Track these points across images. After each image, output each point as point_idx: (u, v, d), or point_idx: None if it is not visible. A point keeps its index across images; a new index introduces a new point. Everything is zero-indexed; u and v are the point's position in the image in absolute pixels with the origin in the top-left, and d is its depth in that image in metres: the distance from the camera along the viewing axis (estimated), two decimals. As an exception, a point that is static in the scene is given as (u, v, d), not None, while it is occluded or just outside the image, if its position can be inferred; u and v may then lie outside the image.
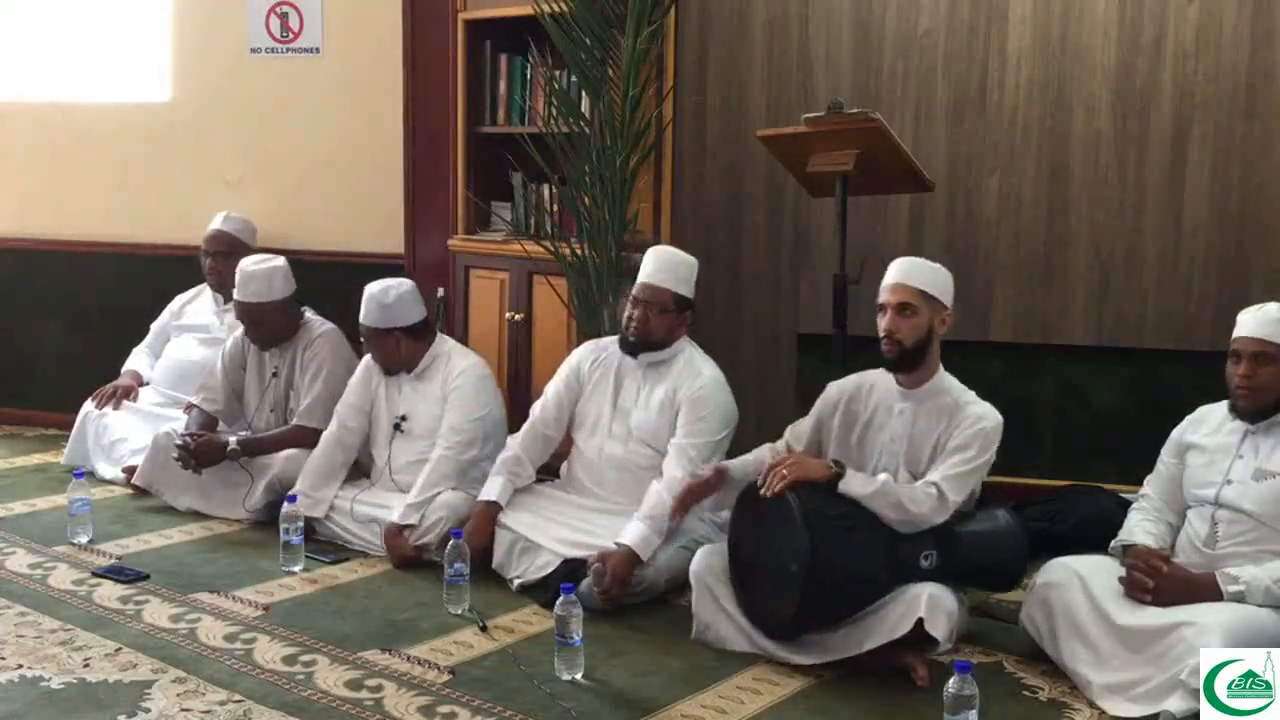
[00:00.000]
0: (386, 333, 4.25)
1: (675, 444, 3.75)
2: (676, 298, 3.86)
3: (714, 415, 3.78)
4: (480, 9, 4.88)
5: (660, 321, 3.84)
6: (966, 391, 3.35)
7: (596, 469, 3.93)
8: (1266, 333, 3.05)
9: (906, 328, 3.27)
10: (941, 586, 3.12)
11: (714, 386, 3.82)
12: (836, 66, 4.57)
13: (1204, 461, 3.16)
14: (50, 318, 5.75)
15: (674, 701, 2.98)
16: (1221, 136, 4.20)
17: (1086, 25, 4.30)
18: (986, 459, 3.23)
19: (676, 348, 3.89)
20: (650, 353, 3.86)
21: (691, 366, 3.86)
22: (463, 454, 4.10)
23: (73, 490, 4.16)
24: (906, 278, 3.33)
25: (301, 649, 3.26)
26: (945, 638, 3.05)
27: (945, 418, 3.29)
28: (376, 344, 4.28)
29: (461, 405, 4.17)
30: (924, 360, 3.32)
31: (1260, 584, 2.87)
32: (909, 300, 3.28)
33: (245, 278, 4.55)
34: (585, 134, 4.49)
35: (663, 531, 3.59)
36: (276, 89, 5.41)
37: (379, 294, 4.26)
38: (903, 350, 3.28)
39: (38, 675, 3.05)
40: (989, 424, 3.24)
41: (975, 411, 3.27)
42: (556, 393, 4.03)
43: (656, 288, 3.84)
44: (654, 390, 3.87)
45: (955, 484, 3.17)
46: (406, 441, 4.26)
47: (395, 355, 4.28)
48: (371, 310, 4.25)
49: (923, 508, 3.13)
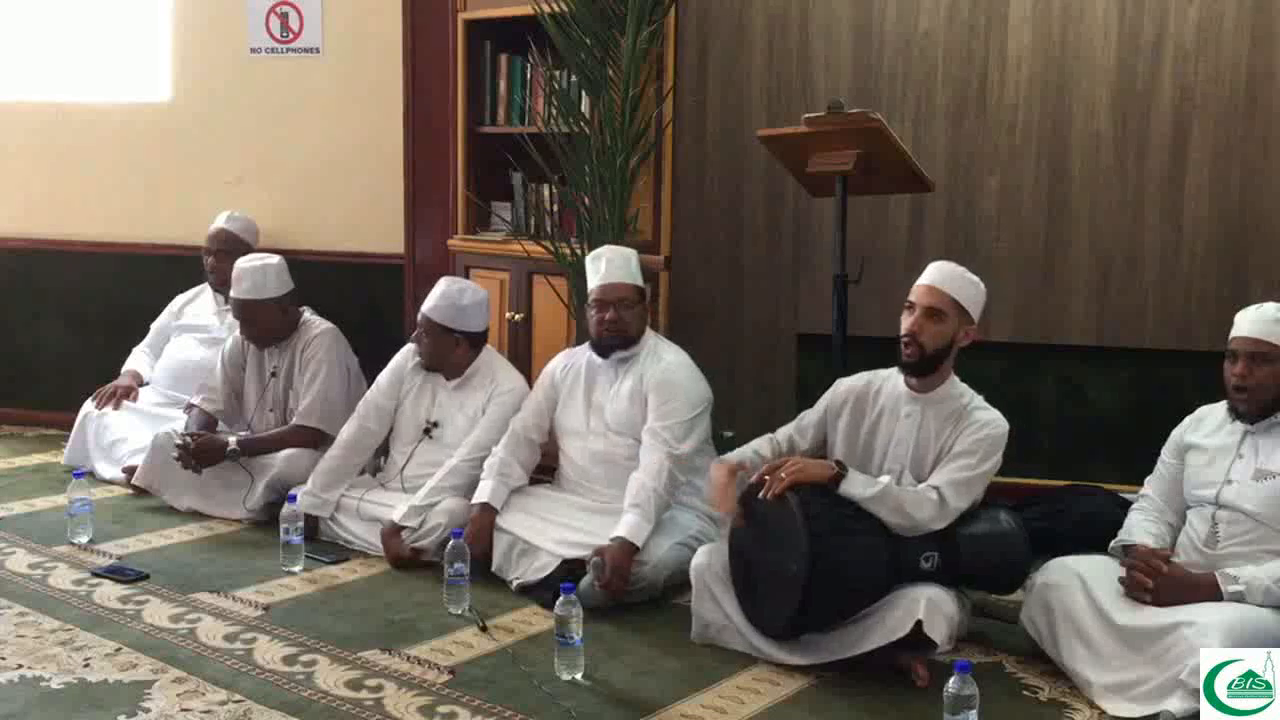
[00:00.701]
0: (449, 332, 4.23)
1: (648, 429, 3.76)
2: (636, 289, 3.89)
3: (681, 395, 3.79)
4: (480, 9, 4.87)
5: (634, 316, 3.87)
6: (975, 396, 3.33)
7: (582, 468, 3.96)
8: (1263, 333, 3.05)
9: (931, 332, 3.23)
10: (941, 589, 3.11)
11: (677, 368, 3.85)
12: (836, 66, 4.57)
13: (1204, 462, 3.16)
14: (50, 318, 5.75)
15: (674, 701, 2.98)
16: (1221, 136, 4.20)
17: (1086, 25, 4.30)
18: (991, 466, 3.22)
19: (642, 339, 3.92)
20: (623, 350, 3.88)
21: (655, 354, 3.89)
22: (479, 469, 4.05)
23: (73, 490, 4.16)
24: (942, 282, 3.28)
25: (301, 649, 3.26)
26: (944, 640, 3.05)
27: (952, 422, 3.27)
28: (433, 340, 4.24)
29: (497, 422, 4.12)
30: (940, 368, 3.30)
31: (1260, 584, 2.87)
32: (940, 306, 3.24)
33: (239, 274, 4.56)
34: (585, 134, 4.49)
35: (652, 518, 3.61)
36: (276, 89, 5.41)
37: (456, 294, 4.23)
38: (923, 355, 3.24)
39: (38, 675, 3.05)
40: (995, 430, 3.23)
41: (982, 417, 3.25)
42: (536, 402, 4.07)
43: (621, 285, 3.86)
44: (624, 383, 3.89)
45: (957, 490, 3.16)
46: (433, 447, 4.23)
47: (446, 356, 4.25)
48: (444, 307, 4.22)
49: (923, 512, 3.12)
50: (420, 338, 4.27)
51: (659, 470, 3.66)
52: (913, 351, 3.25)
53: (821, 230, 4.47)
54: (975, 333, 3.32)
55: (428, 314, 4.24)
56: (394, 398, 4.34)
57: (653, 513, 3.62)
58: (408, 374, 4.34)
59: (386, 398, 4.34)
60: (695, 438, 3.79)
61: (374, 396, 4.35)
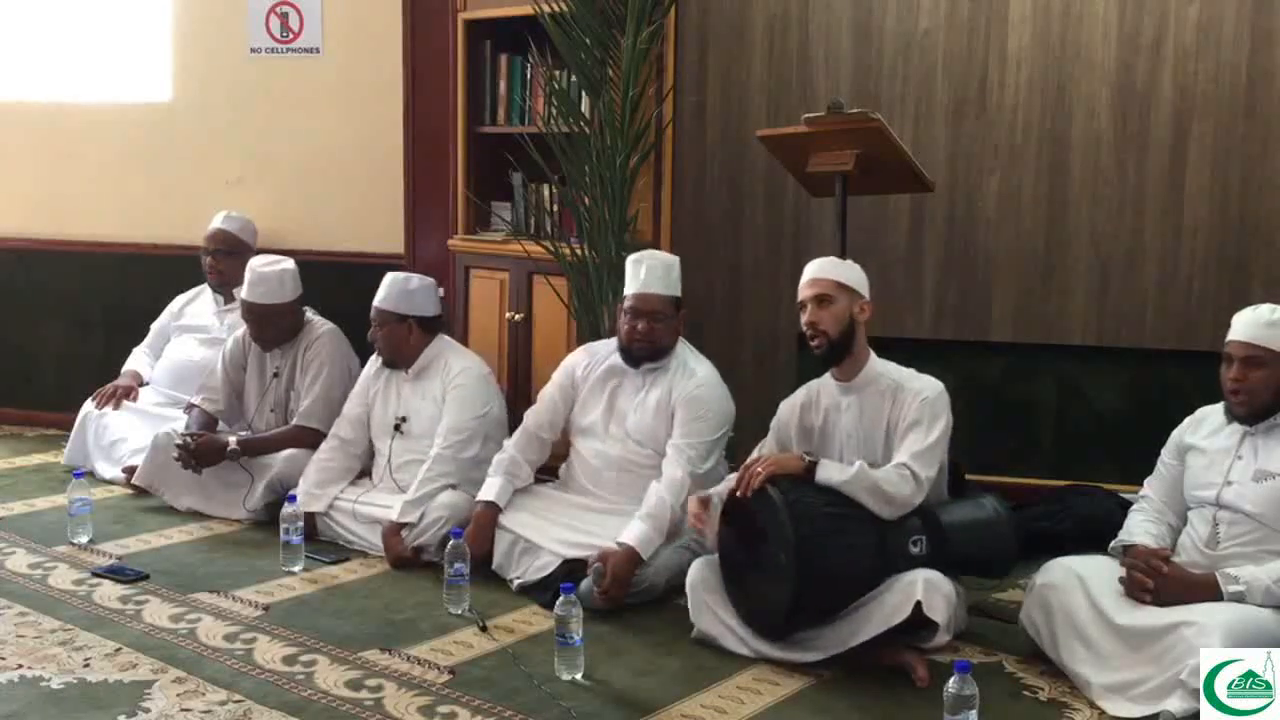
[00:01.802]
0: (401, 319, 4.26)
1: (673, 444, 3.75)
2: (673, 301, 3.87)
3: (710, 414, 3.79)
4: (480, 9, 4.88)
5: (666, 329, 3.85)
6: (902, 370, 3.40)
7: (595, 470, 3.93)
8: (1256, 337, 3.04)
9: (827, 317, 3.33)
10: (937, 573, 3.12)
11: (709, 386, 3.83)
12: (836, 66, 4.57)
13: (1204, 463, 3.16)
14: (50, 318, 5.75)
15: (674, 701, 2.98)
16: (1221, 136, 4.20)
17: (1086, 25, 4.30)
18: (942, 428, 3.27)
19: (672, 351, 3.90)
20: (651, 361, 3.87)
21: (686, 367, 3.87)
22: (461, 452, 4.10)
23: (73, 490, 4.16)
24: (820, 272, 3.41)
25: (301, 649, 3.26)
26: (944, 622, 3.04)
27: (888, 401, 3.34)
28: (389, 330, 4.27)
29: (461, 404, 4.17)
30: (852, 350, 3.37)
31: (1260, 584, 2.87)
32: (825, 291, 3.36)
33: (256, 278, 4.56)
34: (585, 134, 4.49)
35: (663, 531, 3.60)
36: (276, 89, 5.42)
37: (402, 280, 4.31)
38: (830, 341, 3.34)
39: (38, 675, 3.05)
40: (931, 394, 3.30)
41: (914, 387, 3.33)
42: (551, 398, 4.03)
43: (654, 296, 3.83)
44: (650, 393, 3.87)
45: (922, 460, 3.20)
46: (406, 442, 4.26)
47: (403, 345, 4.27)
48: (392, 294, 4.27)
49: (900, 489, 3.15)
50: (375, 333, 4.31)
51: (680, 487, 3.64)
52: (820, 342, 3.35)
53: (821, 230, 4.47)
54: (871, 306, 3.41)
55: (378, 305, 4.29)
56: (365, 404, 4.37)
57: (665, 527, 3.61)
58: (371, 379, 4.39)
59: (358, 405, 4.38)
60: (715, 458, 3.80)
61: (346, 410, 4.40)
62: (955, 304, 4.47)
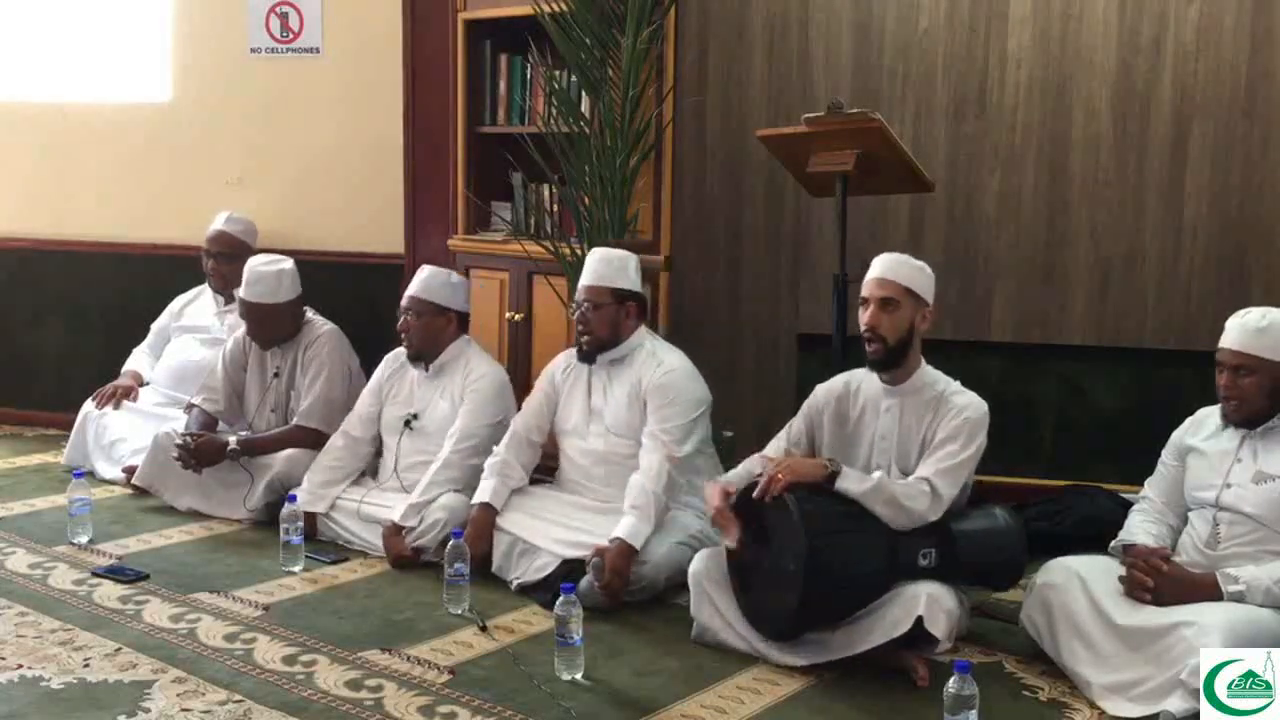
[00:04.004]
0: (442, 311, 4.25)
1: (648, 432, 3.77)
2: (613, 291, 3.86)
3: (680, 398, 3.79)
4: (480, 9, 4.88)
5: (599, 318, 3.85)
6: (951, 382, 3.35)
7: (584, 468, 3.96)
8: (1245, 345, 3.04)
9: (889, 324, 3.26)
10: (941, 585, 3.11)
11: (677, 371, 3.84)
12: (836, 66, 4.57)
13: (1204, 465, 3.16)
14: (50, 318, 5.75)
15: (674, 701, 2.98)
16: (1221, 136, 4.20)
17: (1086, 25, 4.30)
18: (975, 449, 3.23)
19: (633, 342, 3.90)
20: (606, 353, 3.88)
21: (654, 357, 3.88)
22: (470, 458, 4.09)
23: (73, 490, 4.16)
24: (891, 273, 3.31)
25: (301, 649, 3.26)
26: (945, 636, 3.05)
27: (931, 411, 3.29)
28: (427, 321, 4.24)
29: (477, 409, 4.16)
30: (906, 358, 3.32)
31: (1260, 584, 2.87)
32: (893, 295, 3.27)
33: (254, 278, 4.55)
34: (585, 134, 4.49)
35: (651, 519, 3.61)
36: (276, 89, 5.42)
37: (444, 274, 4.31)
38: (886, 348, 3.27)
39: (38, 675, 3.05)
40: (974, 414, 3.24)
41: (959, 402, 3.27)
42: (536, 402, 4.07)
43: (589, 287, 3.87)
44: (620, 385, 3.89)
45: (946, 478, 3.17)
46: (415, 439, 4.24)
47: (439, 337, 4.25)
48: (434, 285, 4.25)
49: (917, 504, 3.13)
50: (409, 324, 4.26)
51: (658, 473, 3.67)
52: (877, 347, 3.28)
53: (821, 230, 4.47)
54: (933, 314, 3.35)
55: (418, 295, 4.25)
56: (378, 402, 4.37)
57: (652, 515, 3.62)
58: (385, 380, 4.38)
59: (370, 403, 4.37)
60: (694, 439, 3.80)
61: (359, 406, 4.40)
62: (955, 304, 4.46)
